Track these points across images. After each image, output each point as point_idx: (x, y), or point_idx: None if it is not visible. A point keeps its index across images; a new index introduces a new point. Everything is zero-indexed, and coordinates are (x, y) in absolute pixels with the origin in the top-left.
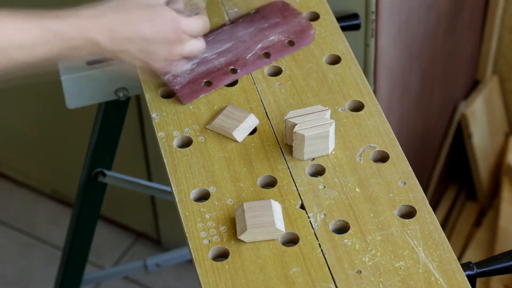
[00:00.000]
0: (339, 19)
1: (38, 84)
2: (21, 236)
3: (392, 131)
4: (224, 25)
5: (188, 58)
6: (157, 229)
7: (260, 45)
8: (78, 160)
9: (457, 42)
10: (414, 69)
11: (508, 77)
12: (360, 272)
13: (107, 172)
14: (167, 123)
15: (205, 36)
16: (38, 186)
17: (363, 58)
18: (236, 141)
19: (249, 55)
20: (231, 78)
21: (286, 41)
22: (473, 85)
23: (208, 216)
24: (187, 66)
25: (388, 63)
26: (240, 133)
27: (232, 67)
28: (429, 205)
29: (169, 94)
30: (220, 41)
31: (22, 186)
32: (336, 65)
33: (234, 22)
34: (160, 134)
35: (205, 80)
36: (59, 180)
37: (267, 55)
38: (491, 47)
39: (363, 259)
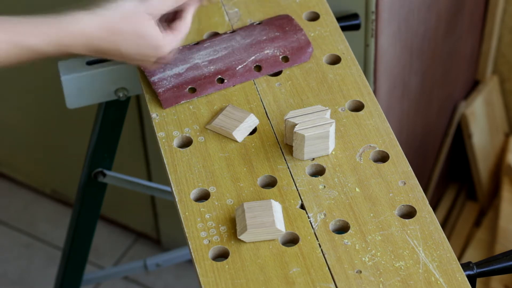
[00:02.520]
0: (339, 19)
1: (38, 84)
2: (21, 236)
3: (392, 131)
4: (225, 33)
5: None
6: (157, 229)
7: (253, 58)
8: (78, 160)
9: (457, 42)
10: (414, 69)
11: (508, 77)
12: (360, 272)
13: (107, 172)
14: (167, 123)
15: (203, 42)
16: (38, 186)
17: (363, 58)
18: (236, 141)
19: (240, 67)
20: (216, 87)
21: (280, 57)
22: (473, 85)
23: (208, 216)
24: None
25: (388, 63)
26: (240, 133)
27: (220, 76)
28: (429, 205)
29: None
30: (215, 48)
31: (22, 186)
32: (336, 65)
33: (235, 30)
34: (160, 134)
35: (189, 87)
36: (59, 180)
37: (258, 68)
38: (491, 47)
39: (363, 259)
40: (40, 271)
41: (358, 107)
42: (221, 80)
